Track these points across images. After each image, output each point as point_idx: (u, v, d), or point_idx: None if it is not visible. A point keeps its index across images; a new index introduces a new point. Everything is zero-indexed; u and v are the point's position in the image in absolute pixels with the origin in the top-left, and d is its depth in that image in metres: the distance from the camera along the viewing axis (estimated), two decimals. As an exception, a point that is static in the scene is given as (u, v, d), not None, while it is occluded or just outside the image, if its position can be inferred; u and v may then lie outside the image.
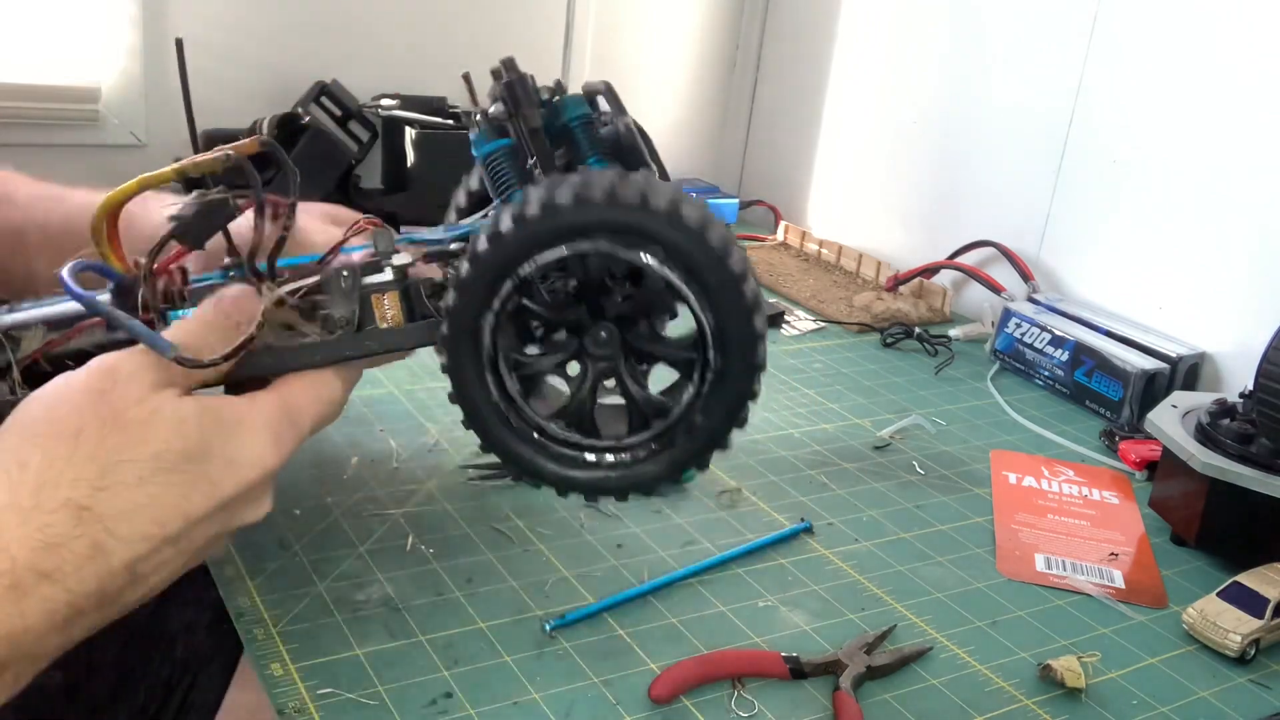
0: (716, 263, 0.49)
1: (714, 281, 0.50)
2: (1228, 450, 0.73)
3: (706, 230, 0.49)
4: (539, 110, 0.55)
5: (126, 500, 0.44)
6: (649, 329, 0.54)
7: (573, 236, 0.50)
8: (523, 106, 0.55)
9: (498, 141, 0.56)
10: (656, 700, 0.54)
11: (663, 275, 0.50)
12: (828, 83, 1.44)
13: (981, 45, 1.23)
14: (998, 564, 0.71)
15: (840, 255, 1.33)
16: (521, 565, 0.64)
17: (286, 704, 0.51)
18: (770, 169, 1.57)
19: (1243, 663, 0.63)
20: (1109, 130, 1.09)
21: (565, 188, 0.49)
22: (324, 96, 1.24)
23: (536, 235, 0.49)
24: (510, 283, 0.50)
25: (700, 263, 0.49)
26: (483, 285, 0.51)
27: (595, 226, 0.49)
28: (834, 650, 0.59)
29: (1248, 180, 0.97)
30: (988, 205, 1.23)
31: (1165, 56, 1.03)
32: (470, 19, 1.36)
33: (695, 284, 0.50)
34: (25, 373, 0.53)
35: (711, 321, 0.51)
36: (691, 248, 0.49)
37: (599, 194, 0.49)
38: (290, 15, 1.26)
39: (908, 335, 1.11)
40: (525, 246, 0.50)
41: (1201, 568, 0.74)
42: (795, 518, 0.73)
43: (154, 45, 1.19)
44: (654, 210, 0.48)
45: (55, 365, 0.53)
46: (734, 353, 0.51)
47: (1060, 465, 0.87)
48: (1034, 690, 0.59)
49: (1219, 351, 1.00)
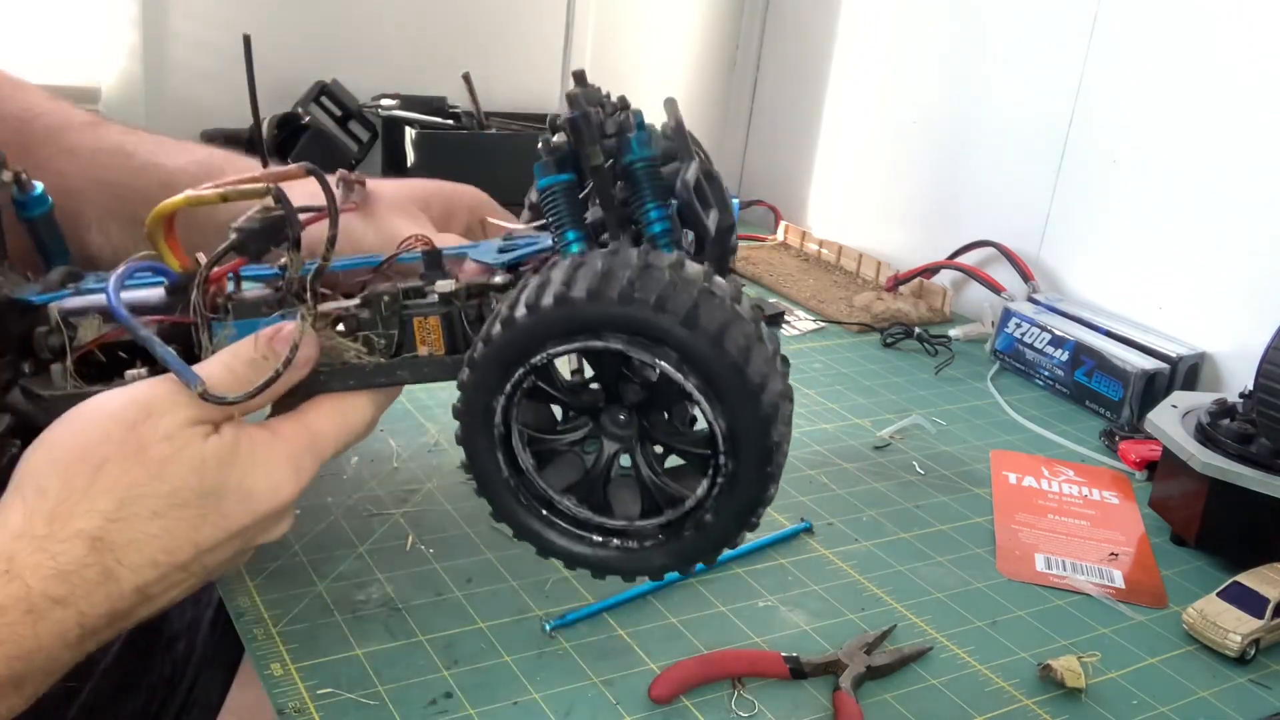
0: (732, 371, 0.47)
1: (728, 390, 0.47)
2: (1228, 450, 0.73)
3: (725, 337, 0.47)
4: (600, 148, 0.53)
5: (138, 531, 0.46)
6: (665, 421, 0.53)
7: (585, 333, 0.48)
8: (585, 144, 0.53)
9: (557, 177, 0.54)
10: (656, 700, 0.54)
11: (676, 380, 0.47)
12: (828, 83, 1.44)
13: (981, 45, 1.23)
14: (998, 564, 0.71)
15: (840, 255, 1.33)
16: (521, 565, 0.64)
17: (286, 704, 0.51)
18: (770, 169, 1.57)
19: (1243, 663, 0.63)
20: (1109, 130, 1.09)
21: (582, 279, 0.47)
22: (324, 96, 1.24)
23: (550, 326, 0.48)
24: (522, 369, 0.49)
25: (715, 371, 0.47)
26: (496, 367, 0.49)
27: (608, 324, 0.47)
28: (834, 650, 0.59)
29: (1248, 180, 0.97)
30: (988, 205, 1.23)
31: (1165, 56, 1.03)
32: (470, 19, 1.37)
33: (710, 390, 0.47)
34: (79, 362, 0.54)
35: (724, 428, 0.48)
36: (706, 355, 0.47)
37: (615, 291, 0.46)
38: (290, 15, 1.26)
39: (908, 335, 1.11)
40: (538, 337, 0.48)
41: (1201, 568, 0.74)
42: (795, 518, 0.73)
43: (154, 45, 1.19)
44: (670, 313, 0.46)
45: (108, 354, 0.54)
46: (747, 459, 0.48)
47: (1060, 465, 0.87)
48: (1034, 690, 0.59)
49: (1219, 351, 1.00)
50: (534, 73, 1.44)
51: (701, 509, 0.51)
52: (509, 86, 1.41)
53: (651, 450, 0.52)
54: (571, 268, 0.48)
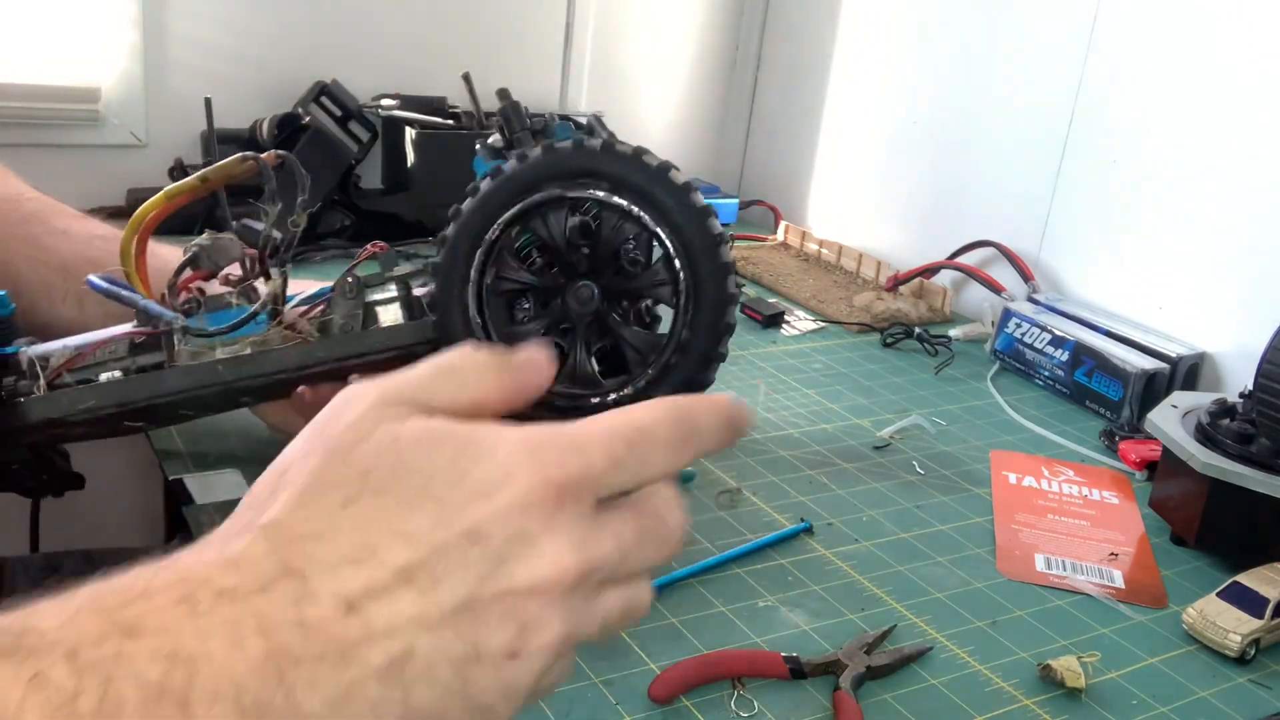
0: (660, 175, 0.55)
1: (663, 197, 0.55)
2: (1228, 450, 0.73)
3: (643, 154, 0.55)
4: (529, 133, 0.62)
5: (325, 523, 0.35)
6: (621, 272, 0.59)
7: (524, 193, 0.55)
8: (515, 130, 0.62)
9: (494, 162, 0.61)
10: (656, 700, 0.54)
11: (615, 204, 0.55)
12: (828, 83, 1.44)
13: (982, 45, 1.23)
14: (998, 564, 0.71)
15: (840, 255, 1.33)
16: (521, 565, 0.64)
17: (286, 704, 0.51)
18: (770, 169, 1.57)
19: (1243, 663, 0.63)
20: (1109, 130, 1.09)
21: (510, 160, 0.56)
22: (324, 96, 1.23)
23: (492, 201, 0.55)
24: (481, 253, 0.56)
25: (642, 181, 0.55)
26: (459, 260, 0.56)
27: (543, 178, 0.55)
28: (834, 650, 0.59)
29: (1248, 180, 0.97)
30: (987, 205, 1.23)
31: (1165, 56, 1.03)
32: (470, 19, 1.36)
33: (647, 205, 0.55)
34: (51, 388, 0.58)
35: (672, 238, 0.56)
36: (632, 171, 0.55)
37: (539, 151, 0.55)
38: (290, 15, 1.26)
39: (908, 335, 1.11)
40: (487, 214, 0.55)
41: (1201, 568, 0.74)
42: (795, 518, 0.73)
43: (154, 45, 1.19)
44: (588, 149, 0.54)
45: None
46: (701, 262, 0.56)
47: (1060, 465, 0.87)
48: (1034, 690, 0.59)
49: (1219, 351, 1.00)
50: (534, 73, 1.44)
51: (680, 332, 0.57)
52: (509, 86, 1.40)
53: (619, 311, 0.58)
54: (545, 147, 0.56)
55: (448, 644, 0.34)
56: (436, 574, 0.34)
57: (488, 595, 0.35)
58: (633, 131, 1.51)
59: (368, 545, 0.34)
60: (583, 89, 1.47)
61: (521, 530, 0.35)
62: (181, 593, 0.32)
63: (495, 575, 0.35)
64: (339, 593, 0.33)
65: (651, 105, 1.54)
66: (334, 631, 0.33)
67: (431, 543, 0.35)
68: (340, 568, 0.34)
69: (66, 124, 1.17)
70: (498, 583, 0.35)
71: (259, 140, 1.20)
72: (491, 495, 0.35)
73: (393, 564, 0.34)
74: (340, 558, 0.34)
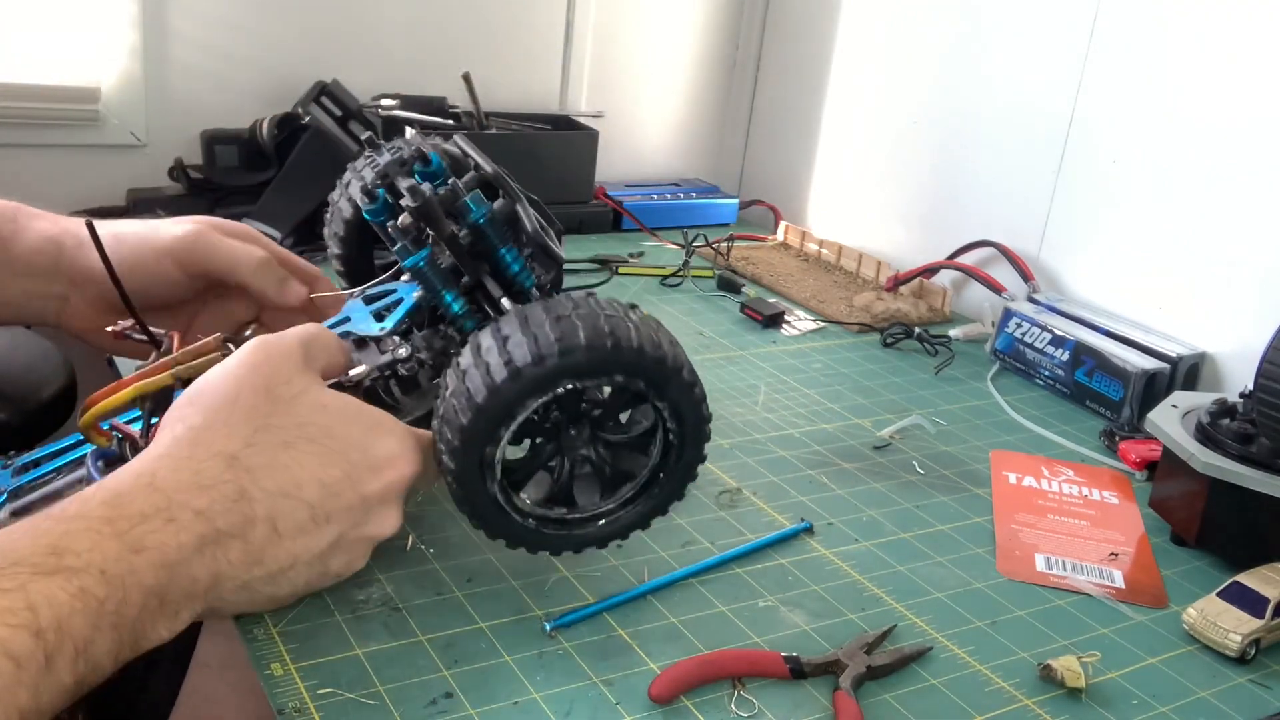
0: (674, 374, 0.57)
1: (674, 390, 0.58)
2: (1228, 450, 0.73)
3: (670, 354, 0.57)
4: (448, 221, 0.63)
5: (270, 458, 0.50)
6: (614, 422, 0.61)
7: (539, 392, 0.55)
8: (438, 221, 0.62)
9: (419, 255, 0.63)
10: (656, 700, 0.54)
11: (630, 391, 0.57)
12: (828, 83, 1.44)
13: (981, 45, 1.23)
14: (998, 564, 0.71)
15: (840, 255, 1.33)
16: (521, 565, 0.64)
17: (286, 704, 0.51)
18: (770, 169, 1.57)
19: (1243, 663, 0.63)
20: (1109, 130, 1.09)
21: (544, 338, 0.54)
22: (324, 96, 1.23)
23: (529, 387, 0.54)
24: (505, 428, 0.55)
25: (661, 378, 0.57)
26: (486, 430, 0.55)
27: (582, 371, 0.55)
28: (834, 650, 0.59)
29: (1247, 180, 0.97)
30: (988, 205, 1.23)
31: (1165, 56, 1.03)
32: (470, 19, 1.36)
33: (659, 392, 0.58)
34: None
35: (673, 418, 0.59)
36: (655, 369, 0.56)
37: (581, 339, 0.54)
38: (290, 15, 1.26)
39: (908, 335, 1.11)
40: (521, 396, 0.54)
41: (1201, 568, 0.74)
42: (795, 518, 0.73)
43: (154, 45, 1.19)
44: (625, 348, 0.55)
45: None
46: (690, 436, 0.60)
47: (1060, 465, 0.87)
48: (1034, 690, 0.59)
49: (1219, 351, 1.00)
50: (534, 73, 1.44)
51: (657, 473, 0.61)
52: (509, 86, 1.41)
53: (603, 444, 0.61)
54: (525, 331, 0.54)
55: (314, 565, 0.52)
56: (330, 516, 0.52)
57: (350, 539, 0.53)
58: (633, 131, 1.52)
59: (296, 482, 0.51)
60: (583, 89, 1.47)
61: (387, 501, 0.54)
62: (169, 515, 0.46)
63: (360, 526, 0.54)
64: (270, 518, 0.50)
65: (651, 105, 1.54)
66: (260, 544, 0.50)
67: (337, 493, 0.52)
68: (276, 499, 0.50)
69: (66, 124, 1.17)
70: (359, 531, 0.54)
71: (259, 140, 1.20)
72: (382, 471, 0.54)
73: (307, 501, 0.51)
74: (278, 489, 0.50)
